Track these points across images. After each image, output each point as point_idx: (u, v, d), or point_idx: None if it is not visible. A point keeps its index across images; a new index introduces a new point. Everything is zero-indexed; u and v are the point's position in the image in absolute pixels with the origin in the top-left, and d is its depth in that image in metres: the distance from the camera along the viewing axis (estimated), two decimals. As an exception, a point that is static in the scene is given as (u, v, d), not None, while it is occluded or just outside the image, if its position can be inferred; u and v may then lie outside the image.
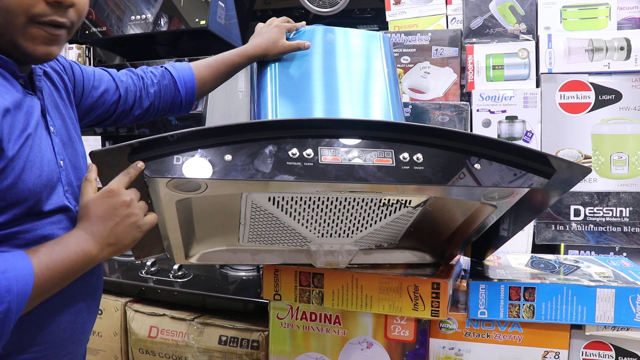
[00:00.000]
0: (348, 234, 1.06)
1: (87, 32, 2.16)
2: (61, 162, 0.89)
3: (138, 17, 2.09)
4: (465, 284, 1.18)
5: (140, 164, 0.82)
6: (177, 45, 2.27)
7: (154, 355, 1.52)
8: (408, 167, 0.85)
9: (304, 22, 1.28)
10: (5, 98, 0.78)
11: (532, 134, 1.56)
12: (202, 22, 1.99)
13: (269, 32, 1.23)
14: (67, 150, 0.93)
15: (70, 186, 0.90)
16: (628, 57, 1.49)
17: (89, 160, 0.84)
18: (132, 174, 0.82)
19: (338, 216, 1.02)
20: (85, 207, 0.82)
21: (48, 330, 0.87)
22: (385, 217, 1.04)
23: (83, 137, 1.04)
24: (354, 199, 0.98)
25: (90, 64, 2.19)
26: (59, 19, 0.80)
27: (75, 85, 1.05)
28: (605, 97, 1.51)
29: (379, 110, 1.22)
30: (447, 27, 1.78)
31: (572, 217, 1.51)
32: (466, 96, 1.69)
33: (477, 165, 0.87)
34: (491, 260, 1.29)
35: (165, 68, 1.19)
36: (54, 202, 0.85)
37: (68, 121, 0.97)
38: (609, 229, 1.49)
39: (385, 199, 1.00)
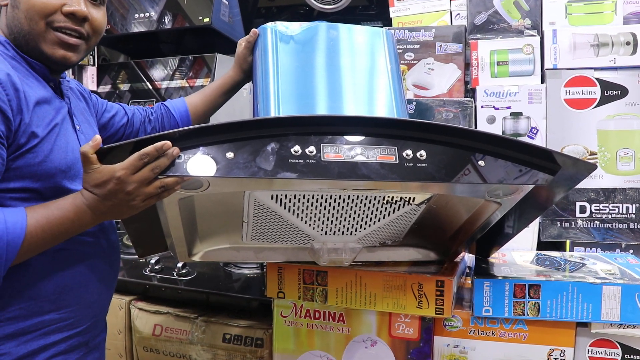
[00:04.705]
0: (352, 231, 1.06)
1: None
2: None
3: (142, 15, 2.09)
4: (469, 282, 1.17)
5: (166, 145, 0.81)
6: (181, 43, 2.27)
7: (158, 353, 1.52)
8: (411, 164, 0.85)
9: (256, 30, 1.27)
10: (38, 93, 0.93)
11: (537, 130, 1.55)
12: (206, 20, 1.99)
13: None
14: None
15: None
16: (634, 52, 1.48)
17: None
18: (149, 159, 0.81)
19: (341, 214, 1.01)
20: (88, 183, 0.85)
21: (78, 293, 1.00)
22: (388, 215, 1.04)
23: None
24: (357, 196, 0.98)
25: (94, 62, 2.19)
26: (72, 26, 0.96)
27: (93, 106, 1.21)
28: (611, 92, 1.50)
29: (383, 107, 1.21)
30: (451, 23, 1.77)
31: (577, 214, 1.50)
32: (470, 92, 1.68)
33: (481, 162, 0.87)
34: (496, 257, 1.28)
35: (162, 103, 1.40)
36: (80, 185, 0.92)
37: (94, 126, 1.13)
38: (615, 225, 1.48)
39: (388, 197, 0.99)
